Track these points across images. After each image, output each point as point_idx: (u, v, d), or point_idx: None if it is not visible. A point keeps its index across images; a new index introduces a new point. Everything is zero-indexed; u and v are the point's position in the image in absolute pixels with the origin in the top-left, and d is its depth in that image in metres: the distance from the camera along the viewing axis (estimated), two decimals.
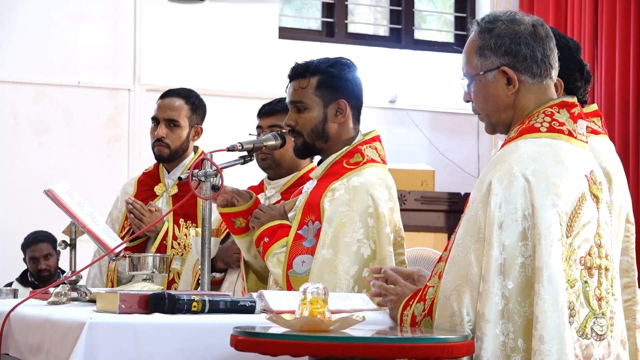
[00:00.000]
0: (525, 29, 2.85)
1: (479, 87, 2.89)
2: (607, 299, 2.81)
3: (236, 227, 3.64)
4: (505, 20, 2.86)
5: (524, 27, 2.85)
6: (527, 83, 2.85)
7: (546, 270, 2.66)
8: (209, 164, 3.37)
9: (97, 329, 2.63)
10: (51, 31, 7.58)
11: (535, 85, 2.86)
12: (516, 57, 2.84)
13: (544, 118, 2.83)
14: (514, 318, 2.68)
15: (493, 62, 2.85)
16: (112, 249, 3.42)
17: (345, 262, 3.41)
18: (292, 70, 3.65)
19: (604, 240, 2.83)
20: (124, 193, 4.85)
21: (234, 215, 3.61)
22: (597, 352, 2.76)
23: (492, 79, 2.86)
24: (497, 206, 2.71)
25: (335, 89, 3.60)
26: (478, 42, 2.87)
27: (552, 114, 2.84)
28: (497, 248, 2.69)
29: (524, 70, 2.84)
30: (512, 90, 2.85)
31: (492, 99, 2.88)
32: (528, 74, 2.85)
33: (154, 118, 4.71)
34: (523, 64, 2.84)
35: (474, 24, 2.90)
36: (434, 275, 2.86)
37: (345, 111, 3.61)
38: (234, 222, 3.62)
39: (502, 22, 2.86)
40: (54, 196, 3.45)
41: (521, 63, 2.84)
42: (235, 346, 2.55)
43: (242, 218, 3.64)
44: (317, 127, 3.59)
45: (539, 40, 2.85)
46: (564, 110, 2.85)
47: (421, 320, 2.82)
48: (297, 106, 3.61)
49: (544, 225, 2.69)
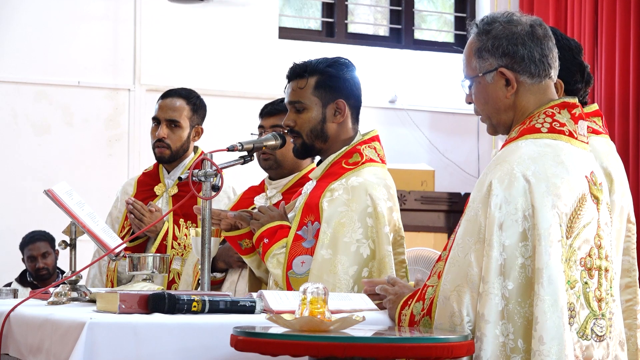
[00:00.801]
0: (523, 29, 2.84)
1: (478, 89, 2.89)
2: (607, 300, 2.81)
3: (243, 248, 3.66)
4: (503, 21, 2.86)
5: (521, 27, 2.85)
6: (526, 83, 2.85)
7: (546, 271, 2.65)
8: (209, 164, 3.37)
9: (97, 329, 2.63)
10: (51, 31, 7.57)
11: (534, 86, 2.86)
12: (514, 58, 2.84)
13: (545, 119, 2.83)
14: (514, 319, 2.68)
15: (491, 64, 2.85)
16: (112, 249, 3.41)
17: (345, 262, 3.41)
18: (291, 71, 3.65)
19: (604, 242, 2.83)
20: (124, 193, 4.84)
21: (240, 238, 3.63)
22: (597, 353, 2.76)
23: (491, 81, 2.86)
24: (498, 207, 2.71)
25: (334, 88, 3.60)
26: (476, 44, 2.87)
27: (553, 115, 2.83)
28: (497, 249, 2.69)
29: (523, 71, 2.84)
30: (511, 91, 2.85)
31: (492, 100, 2.88)
32: (526, 74, 2.84)
33: (155, 118, 4.70)
34: (521, 65, 2.84)
35: (473, 26, 2.90)
36: (433, 275, 2.86)
37: (344, 111, 3.61)
38: (241, 244, 3.65)
39: (499, 24, 2.85)
40: (54, 196, 3.44)
41: (519, 64, 2.84)
42: (235, 346, 2.55)
43: (247, 239, 3.66)
44: (316, 128, 3.59)
45: (537, 40, 2.85)
46: (565, 111, 2.85)
47: (420, 320, 2.82)
48: (295, 106, 3.61)
49: (544, 226, 2.68)
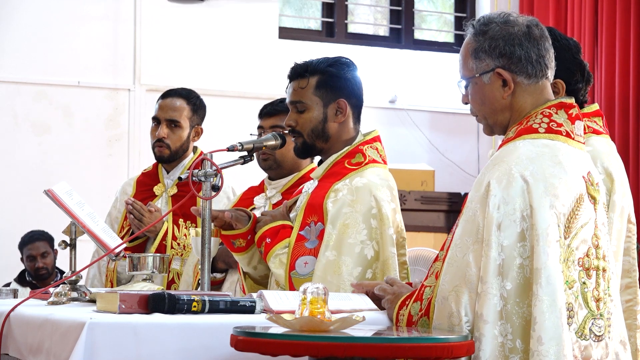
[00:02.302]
0: (519, 30, 2.84)
1: (475, 89, 2.89)
2: (605, 299, 2.80)
3: (236, 247, 3.65)
4: (499, 22, 2.86)
5: (517, 28, 2.84)
6: (522, 84, 2.85)
7: (544, 271, 2.65)
8: (209, 164, 3.37)
9: (97, 329, 2.63)
10: (51, 31, 7.57)
11: (531, 86, 2.86)
12: (511, 59, 2.83)
13: (542, 119, 2.83)
14: (512, 319, 2.68)
15: (488, 65, 2.85)
16: (112, 249, 3.41)
17: (349, 263, 3.40)
18: (292, 71, 3.64)
19: (601, 242, 2.83)
20: (123, 193, 4.84)
21: (234, 237, 3.62)
22: (596, 352, 2.76)
23: (488, 81, 2.86)
24: (496, 207, 2.70)
25: (335, 88, 3.59)
26: (473, 45, 2.87)
27: (550, 115, 2.83)
28: (496, 249, 2.68)
29: (519, 72, 2.84)
30: (507, 91, 2.85)
31: (489, 101, 2.87)
32: (523, 75, 2.84)
33: (155, 118, 4.70)
34: (518, 65, 2.84)
35: (469, 27, 2.90)
36: (430, 275, 2.86)
37: (345, 110, 3.60)
38: (234, 243, 3.63)
39: (496, 24, 2.85)
40: (54, 196, 3.44)
41: (516, 64, 2.84)
42: (235, 346, 2.55)
43: (241, 239, 3.65)
44: (317, 127, 3.58)
45: (534, 40, 2.84)
46: (562, 111, 2.85)
47: (418, 320, 2.81)
48: (297, 106, 3.60)
49: (542, 226, 2.68)
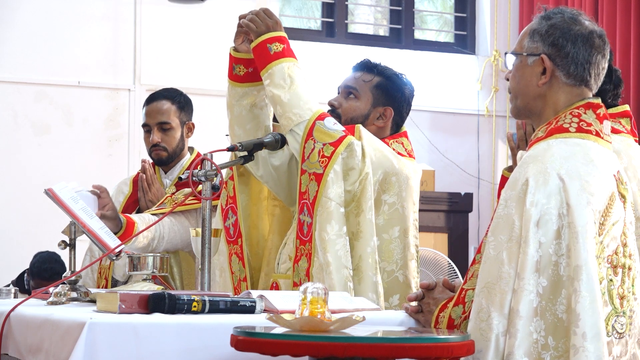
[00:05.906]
0: (580, 30, 2.88)
1: (518, 66, 2.93)
2: (628, 297, 2.82)
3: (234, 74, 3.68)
4: (567, 16, 2.90)
5: (579, 28, 2.88)
6: (560, 79, 2.87)
7: (585, 268, 2.67)
8: (209, 164, 3.37)
9: (97, 329, 2.63)
10: (51, 31, 7.57)
11: (567, 86, 2.88)
12: (559, 51, 2.86)
13: (572, 119, 2.85)
14: (545, 316, 2.68)
15: (537, 48, 2.88)
16: (112, 249, 3.42)
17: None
18: (362, 63, 3.77)
19: (629, 240, 2.85)
20: (119, 192, 4.83)
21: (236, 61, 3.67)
22: (615, 350, 2.76)
23: (531, 64, 2.89)
24: (533, 204, 2.72)
25: (390, 97, 3.73)
26: (534, 26, 2.92)
27: (579, 115, 2.86)
28: (534, 245, 2.69)
29: (561, 67, 2.86)
30: (543, 80, 2.87)
31: (524, 82, 2.91)
32: (564, 71, 2.87)
33: (145, 125, 4.67)
34: (563, 60, 2.86)
35: (543, 9, 2.94)
36: (470, 278, 2.86)
37: (388, 120, 3.73)
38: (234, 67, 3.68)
39: (562, 16, 2.90)
40: (54, 195, 3.45)
41: (562, 59, 2.86)
42: (235, 346, 2.55)
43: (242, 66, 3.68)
44: (356, 119, 3.69)
45: (589, 46, 2.87)
46: (590, 111, 2.87)
47: (460, 324, 2.83)
48: (349, 91, 3.71)
49: (581, 223, 2.70)
